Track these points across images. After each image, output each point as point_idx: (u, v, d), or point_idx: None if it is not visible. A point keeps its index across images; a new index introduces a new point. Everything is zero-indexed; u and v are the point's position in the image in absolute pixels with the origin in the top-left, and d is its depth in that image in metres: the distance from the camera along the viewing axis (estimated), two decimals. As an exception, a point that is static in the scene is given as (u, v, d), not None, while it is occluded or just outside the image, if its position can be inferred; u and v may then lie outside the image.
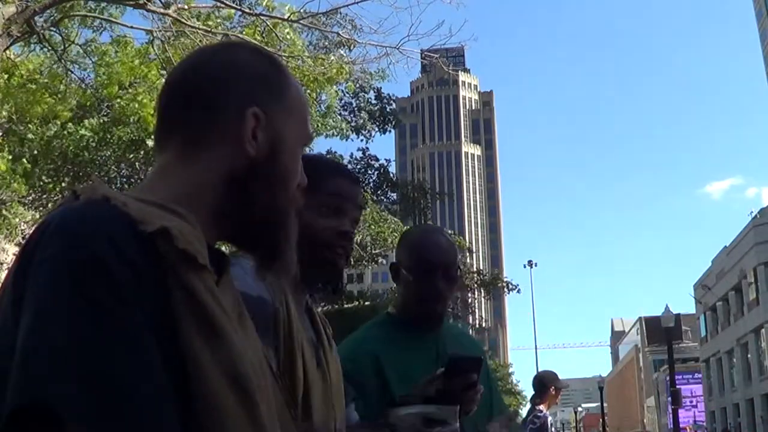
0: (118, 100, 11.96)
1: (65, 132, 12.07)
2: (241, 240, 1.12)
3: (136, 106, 11.52)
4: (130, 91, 12.03)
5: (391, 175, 24.13)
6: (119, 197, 0.95)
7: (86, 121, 12.29)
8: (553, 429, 6.47)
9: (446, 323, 2.42)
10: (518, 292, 28.35)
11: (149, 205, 0.96)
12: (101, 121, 12.54)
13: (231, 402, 0.90)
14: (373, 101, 20.38)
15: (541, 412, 6.25)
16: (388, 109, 21.16)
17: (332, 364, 1.60)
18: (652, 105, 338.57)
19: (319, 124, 15.70)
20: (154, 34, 11.73)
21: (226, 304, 0.99)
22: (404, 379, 1.82)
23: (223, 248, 1.13)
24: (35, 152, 12.04)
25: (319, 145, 20.52)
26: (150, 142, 13.15)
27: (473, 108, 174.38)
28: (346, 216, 1.65)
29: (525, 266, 59.02)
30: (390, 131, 21.86)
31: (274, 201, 1.08)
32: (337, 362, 1.64)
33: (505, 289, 28.52)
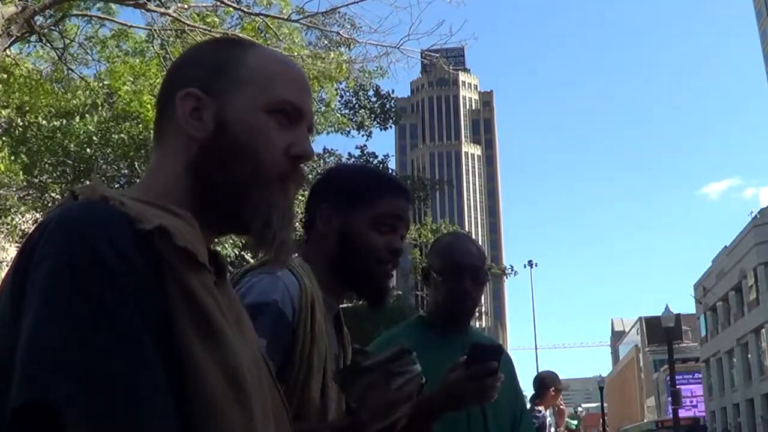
0: (122, 93, 11.91)
1: (69, 126, 12.01)
2: (223, 225, 1.08)
3: (138, 104, 11.49)
4: (134, 84, 11.99)
5: (391, 171, 24.10)
6: (117, 197, 0.95)
7: (87, 118, 12.25)
8: (552, 429, 6.45)
9: (473, 328, 2.56)
10: (515, 274, 28.43)
11: (147, 205, 0.96)
12: (104, 116, 12.50)
13: (227, 401, 0.90)
14: (373, 98, 20.32)
15: (540, 412, 6.25)
16: (388, 106, 21.11)
17: None
18: (652, 105, 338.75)
19: (321, 120, 15.69)
20: (155, 33, 11.72)
21: (224, 304, 0.98)
22: (435, 380, 1.87)
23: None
24: (35, 148, 12.00)
25: (319, 142, 20.48)
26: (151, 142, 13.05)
27: (473, 108, 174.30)
28: (398, 232, 1.68)
29: (525, 266, 58.85)
30: (390, 127, 21.83)
31: (235, 176, 1.04)
32: None
33: (504, 276, 28.52)
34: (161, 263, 0.90)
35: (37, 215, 13.77)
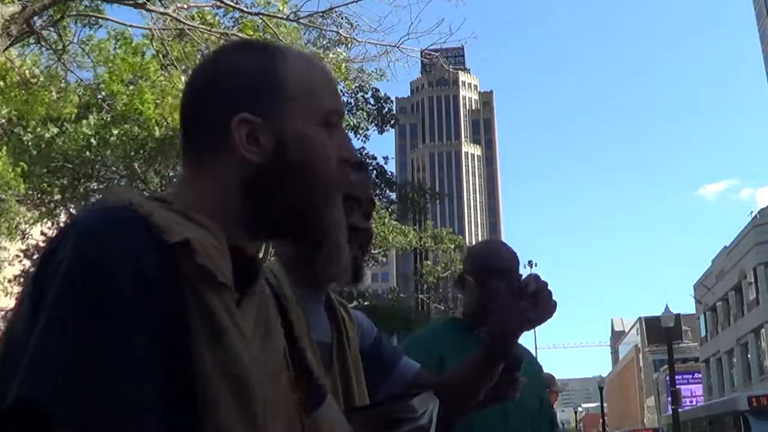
0: (122, 96, 11.87)
1: (65, 131, 11.99)
2: (283, 239, 1.11)
3: (139, 103, 11.46)
4: (131, 87, 11.97)
5: (389, 174, 24.05)
6: (144, 203, 0.94)
7: (84, 121, 12.23)
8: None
9: None
10: None
11: (174, 213, 0.95)
12: (102, 118, 12.48)
13: (234, 419, 0.90)
14: (371, 101, 20.33)
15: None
16: (386, 109, 21.09)
17: (348, 362, 1.57)
18: (650, 106, 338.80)
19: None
20: (154, 33, 11.70)
21: (246, 321, 0.97)
22: None
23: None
24: (34, 153, 11.98)
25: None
26: (151, 143, 13.10)
27: (473, 108, 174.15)
28: (353, 210, 1.60)
29: (525, 266, 58.88)
30: (388, 130, 21.84)
31: (300, 194, 1.04)
32: (357, 356, 1.64)
33: None
34: (180, 276, 0.90)
35: (36, 214, 13.77)
